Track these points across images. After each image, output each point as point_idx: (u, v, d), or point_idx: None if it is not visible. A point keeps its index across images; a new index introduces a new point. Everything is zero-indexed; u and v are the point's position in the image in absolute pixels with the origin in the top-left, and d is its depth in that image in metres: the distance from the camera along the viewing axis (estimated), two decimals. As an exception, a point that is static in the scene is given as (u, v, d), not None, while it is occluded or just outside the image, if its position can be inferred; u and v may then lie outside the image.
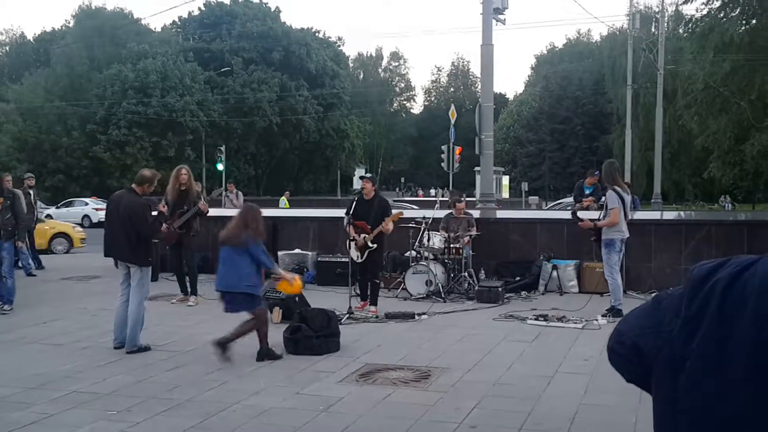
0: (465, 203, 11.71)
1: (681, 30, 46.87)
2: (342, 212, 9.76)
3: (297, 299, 8.28)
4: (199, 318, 8.96)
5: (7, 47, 70.21)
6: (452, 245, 10.53)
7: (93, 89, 49.17)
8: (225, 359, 6.36)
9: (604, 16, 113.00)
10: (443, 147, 20.59)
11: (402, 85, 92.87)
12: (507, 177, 55.03)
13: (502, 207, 21.91)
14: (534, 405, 5.37)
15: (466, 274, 10.53)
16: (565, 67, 68.38)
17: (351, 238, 9.09)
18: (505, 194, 47.58)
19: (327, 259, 11.69)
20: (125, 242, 7.27)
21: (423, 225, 10.67)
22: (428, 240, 10.47)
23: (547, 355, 6.92)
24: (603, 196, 9.25)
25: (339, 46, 71.35)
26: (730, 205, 42.24)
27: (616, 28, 55.77)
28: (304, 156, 64.20)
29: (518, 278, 10.98)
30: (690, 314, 1.03)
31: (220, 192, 20.62)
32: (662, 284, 10.14)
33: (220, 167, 39.12)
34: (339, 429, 4.87)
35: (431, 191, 57.60)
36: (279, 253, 12.03)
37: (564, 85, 65.64)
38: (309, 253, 12.16)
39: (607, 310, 8.80)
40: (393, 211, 9.26)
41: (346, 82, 67.18)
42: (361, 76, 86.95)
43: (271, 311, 8.13)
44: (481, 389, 5.78)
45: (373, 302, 9.17)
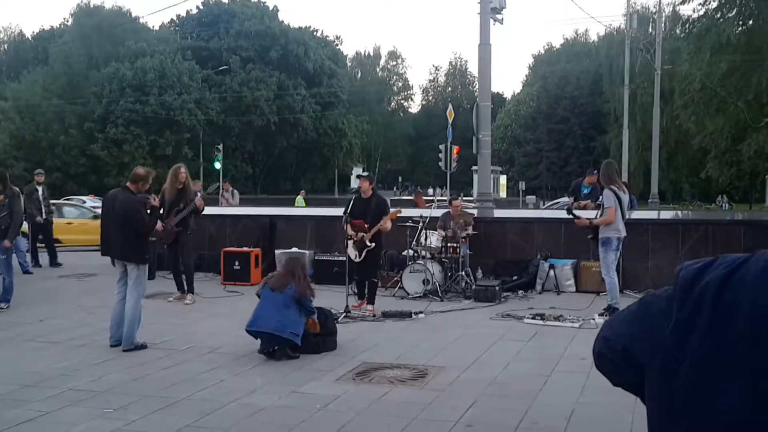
0: (460, 200, 11.72)
1: (678, 30, 46.78)
2: (339, 211, 9.76)
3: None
4: (196, 316, 8.96)
5: (6, 45, 70.08)
6: (449, 244, 10.54)
7: (91, 87, 49.06)
8: None
9: (602, 16, 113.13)
10: (441, 146, 20.58)
11: (400, 85, 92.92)
12: (504, 176, 55.12)
13: (499, 207, 21.91)
14: (531, 404, 5.37)
15: (464, 273, 10.54)
16: (563, 67, 68.46)
17: (348, 237, 9.09)
18: (503, 194, 47.67)
19: (324, 258, 11.69)
20: (122, 240, 7.27)
21: (420, 224, 10.67)
22: (425, 239, 10.47)
23: (544, 354, 6.92)
24: (600, 196, 9.27)
25: (337, 45, 71.40)
26: (727, 205, 42.33)
27: (614, 29, 55.84)
28: (302, 155, 64.17)
29: (515, 277, 10.99)
30: (682, 317, 1.02)
31: (217, 187, 20.58)
32: (659, 284, 10.05)
33: (218, 166, 39.11)
34: (335, 427, 4.86)
35: (429, 191, 57.55)
36: (276, 252, 12.03)
37: (561, 85, 65.72)
38: (306, 252, 12.14)
39: (605, 309, 8.81)
40: (391, 210, 9.26)
41: (344, 81, 67.14)
42: (359, 75, 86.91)
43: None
44: (478, 388, 5.78)
45: (371, 301, 9.17)
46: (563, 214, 10.24)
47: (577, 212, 9.76)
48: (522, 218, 12.98)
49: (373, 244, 8.99)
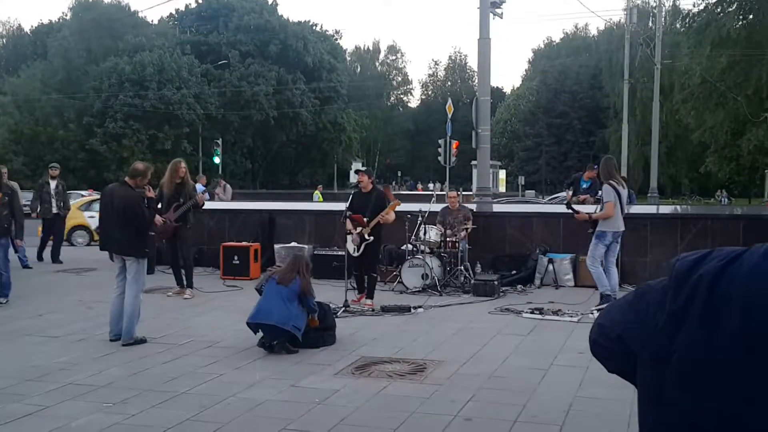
0: (457, 194, 11.73)
1: (678, 25, 46.76)
2: (338, 205, 9.76)
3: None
4: (195, 311, 8.98)
5: (4, 39, 69.84)
6: (448, 239, 10.54)
7: (90, 82, 49.03)
8: None
9: (602, 11, 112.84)
10: (440, 141, 20.54)
11: (399, 79, 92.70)
12: (504, 171, 55.07)
13: (499, 201, 21.91)
14: (529, 397, 5.39)
15: (462, 268, 10.54)
16: (563, 62, 68.35)
17: (348, 232, 9.10)
18: (502, 188, 47.62)
19: (323, 253, 11.69)
20: (120, 235, 7.27)
21: (419, 218, 10.68)
22: (424, 233, 10.48)
23: (543, 348, 6.93)
24: (600, 191, 9.30)
25: (336, 40, 71.26)
26: (727, 200, 42.38)
27: (614, 23, 55.85)
28: (301, 149, 64.12)
29: (514, 272, 11.00)
30: (675, 308, 1.03)
31: (216, 184, 20.55)
32: (658, 278, 10.14)
33: (217, 160, 39.05)
34: (334, 422, 4.87)
35: (430, 185, 57.51)
36: (276, 247, 12.04)
37: (561, 80, 65.63)
38: (305, 246, 12.15)
39: (600, 301, 8.84)
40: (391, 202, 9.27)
41: (343, 76, 67.04)
42: (359, 70, 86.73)
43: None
44: (477, 382, 5.80)
45: (369, 295, 9.18)
46: (562, 209, 10.25)
47: (576, 207, 9.79)
48: (521, 213, 12.98)
49: (372, 238, 9.00)
